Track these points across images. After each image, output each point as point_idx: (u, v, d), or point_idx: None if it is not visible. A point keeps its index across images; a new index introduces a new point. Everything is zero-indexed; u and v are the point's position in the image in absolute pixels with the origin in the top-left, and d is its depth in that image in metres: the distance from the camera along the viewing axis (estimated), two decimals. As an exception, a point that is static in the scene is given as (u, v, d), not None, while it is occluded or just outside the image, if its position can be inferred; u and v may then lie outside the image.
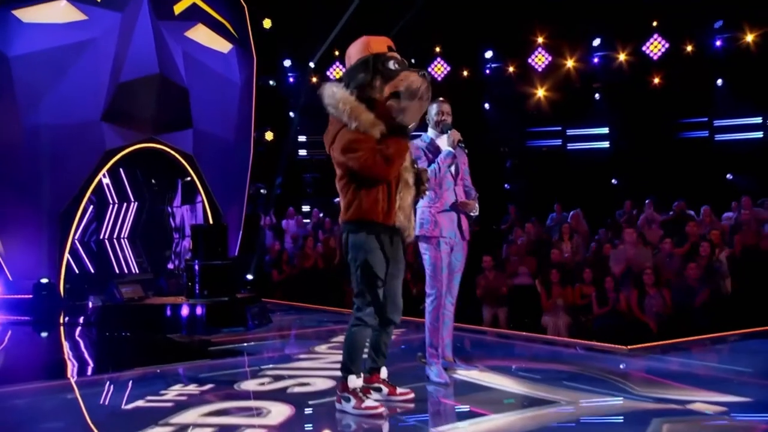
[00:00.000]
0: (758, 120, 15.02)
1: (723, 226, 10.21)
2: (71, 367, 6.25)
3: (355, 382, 3.94)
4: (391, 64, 3.82)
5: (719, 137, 15.39)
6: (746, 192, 10.87)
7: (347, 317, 7.98)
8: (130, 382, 5.16)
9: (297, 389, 4.60)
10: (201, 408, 4.16)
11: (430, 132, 4.89)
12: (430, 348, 4.73)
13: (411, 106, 3.79)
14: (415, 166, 4.08)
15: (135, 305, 7.81)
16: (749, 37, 14.34)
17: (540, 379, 4.64)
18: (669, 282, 8.18)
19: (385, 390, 4.19)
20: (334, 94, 3.82)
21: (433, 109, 4.88)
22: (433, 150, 4.79)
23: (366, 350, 4.10)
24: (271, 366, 5.36)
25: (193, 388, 4.71)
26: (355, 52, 3.91)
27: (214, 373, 5.22)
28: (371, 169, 3.77)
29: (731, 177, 14.55)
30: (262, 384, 4.78)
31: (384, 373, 4.21)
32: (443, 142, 4.81)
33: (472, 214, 4.91)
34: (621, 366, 5.15)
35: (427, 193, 4.19)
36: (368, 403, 3.91)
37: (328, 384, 4.65)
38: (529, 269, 9.17)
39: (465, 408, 4.13)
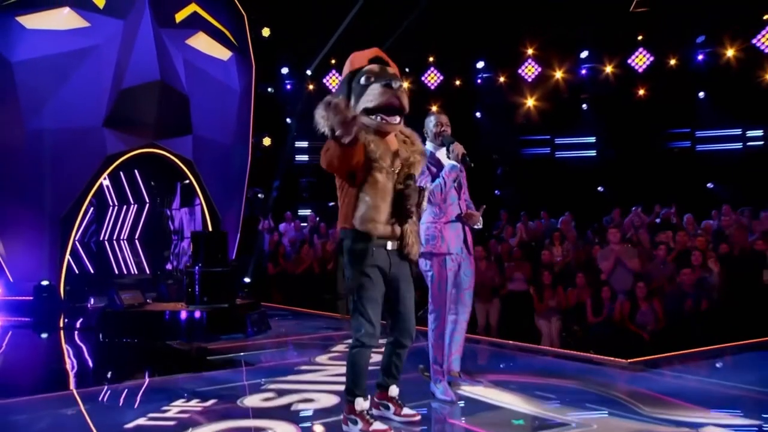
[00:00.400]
0: (738, 131, 15.02)
1: (708, 226, 10.07)
2: (71, 378, 5.91)
3: (361, 404, 3.67)
4: (363, 79, 3.52)
5: (701, 148, 15.35)
6: (726, 201, 10.79)
7: (343, 323, 7.83)
8: (132, 395, 4.86)
9: (301, 406, 4.32)
10: (204, 428, 3.88)
11: (429, 145, 4.51)
12: (434, 365, 4.45)
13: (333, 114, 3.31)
14: (409, 182, 3.65)
15: (135, 311, 7.48)
16: (730, 52, 14.30)
17: (547, 397, 4.36)
18: (662, 290, 7.95)
19: (392, 408, 3.93)
20: (318, 112, 3.53)
21: (431, 121, 4.57)
22: (435, 163, 4.47)
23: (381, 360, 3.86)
24: (273, 379, 5.04)
25: (195, 404, 4.41)
26: (344, 70, 3.68)
27: (216, 387, 4.91)
28: (323, 161, 3.50)
29: (712, 186, 14.45)
30: (266, 399, 4.48)
31: (393, 391, 3.92)
32: (443, 155, 4.52)
33: (476, 226, 4.65)
34: (625, 383, 4.90)
35: (424, 207, 3.80)
36: (376, 426, 3.63)
37: (333, 400, 4.37)
38: (524, 275, 8.93)
39: (474, 430, 3.86)
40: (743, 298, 7.59)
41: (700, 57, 14.66)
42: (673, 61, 14.83)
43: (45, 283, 9.42)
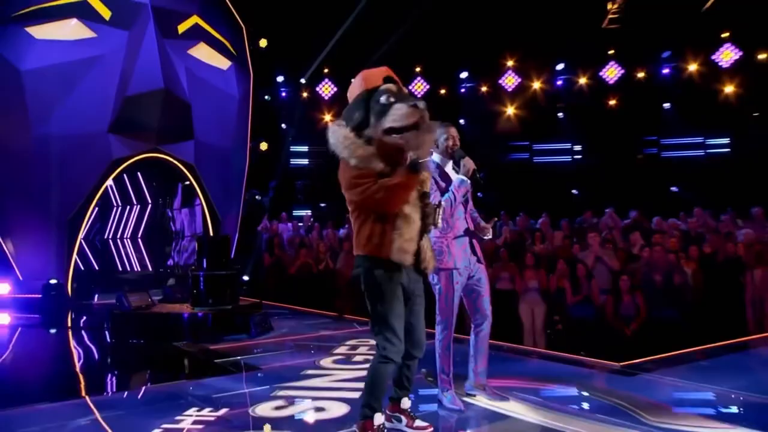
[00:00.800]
0: (700, 140, 15.12)
1: (675, 225, 9.97)
2: (82, 384, 5.58)
3: (378, 419, 3.43)
4: (384, 98, 3.28)
5: (666, 154, 15.41)
6: (689, 204, 10.77)
7: (341, 324, 7.56)
8: (143, 404, 4.56)
9: (312, 416, 4.06)
10: (220, 441, 3.61)
11: (436, 157, 4.20)
12: (442, 374, 4.20)
13: (422, 140, 3.26)
14: (426, 201, 3.46)
15: (142, 313, 7.14)
16: (692, 67, 14.45)
17: (550, 406, 4.14)
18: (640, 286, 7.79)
19: (405, 420, 3.68)
20: (335, 133, 3.35)
21: (442, 134, 4.28)
22: (443, 177, 4.17)
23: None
24: (281, 385, 4.75)
25: (207, 413, 4.13)
26: (353, 89, 3.42)
27: (227, 394, 4.61)
28: (373, 202, 3.29)
29: (676, 190, 14.46)
30: (277, 408, 4.20)
31: (405, 403, 3.68)
32: (450, 168, 4.25)
33: (486, 237, 4.40)
34: (623, 388, 4.64)
35: (439, 224, 3.59)
36: (392, 441, 3.40)
37: (343, 409, 4.12)
38: (510, 275, 8.71)
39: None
40: (724, 299, 7.45)
41: (666, 71, 14.81)
42: (641, 74, 14.94)
43: (53, 281, 9.09)
